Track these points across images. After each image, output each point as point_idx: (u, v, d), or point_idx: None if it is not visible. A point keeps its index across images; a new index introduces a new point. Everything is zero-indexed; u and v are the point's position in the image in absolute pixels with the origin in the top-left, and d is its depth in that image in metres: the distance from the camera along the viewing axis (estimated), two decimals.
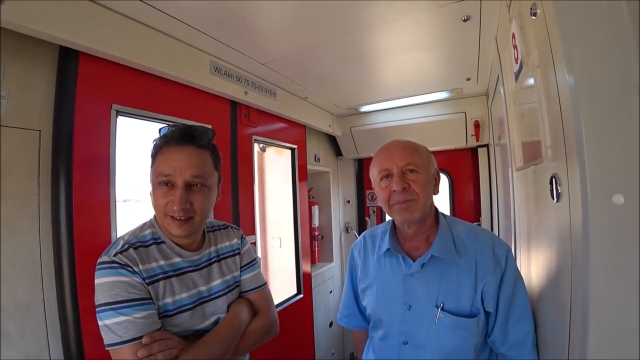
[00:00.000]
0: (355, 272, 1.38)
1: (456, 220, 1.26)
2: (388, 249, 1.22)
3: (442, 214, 1.26)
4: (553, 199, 0.91)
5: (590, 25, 0.73)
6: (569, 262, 0.83)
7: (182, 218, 1.04)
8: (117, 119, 1.52)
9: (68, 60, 1.37)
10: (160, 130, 1.10)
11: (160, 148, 1.05)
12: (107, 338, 0.94)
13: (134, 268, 0.99)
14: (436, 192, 1.21)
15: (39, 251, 1.29)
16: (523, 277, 1.18)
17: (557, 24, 0.79)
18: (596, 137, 0.69)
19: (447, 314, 1.11)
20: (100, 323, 0.95)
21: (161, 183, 1.03)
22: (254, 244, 2.34)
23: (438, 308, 1.11)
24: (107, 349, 0.95)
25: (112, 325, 0.93)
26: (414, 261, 1.17)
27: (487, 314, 1.13)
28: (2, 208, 1.21)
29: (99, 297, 0.96)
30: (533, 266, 1.32)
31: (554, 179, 0.90)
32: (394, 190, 1.12)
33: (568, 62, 0.75)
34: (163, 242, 1.10)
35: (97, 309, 0.96)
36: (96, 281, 0.98)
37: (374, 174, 1.22)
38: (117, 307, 0.94)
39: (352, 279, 1.40)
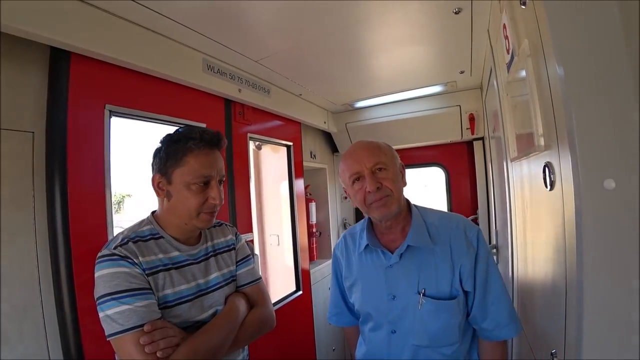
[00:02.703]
0: (339, 271, 1.42)
1: (428, 209, 1.31)
2: (367, 245, 1.27)
3: (414, 205, 1.30)
4: (547, 187, 0.91)
5: (579, 13, 0.74)
6: (562, 248, 0.84)
7: (216, 210, 1.15)
8: (111, 119, 1.51)
9: (59, 61, 1.36)
10: (177, 132, 1.14)
11: (191, 151, 1.10)
12: (109, 328, 0.95)
13: (134, 260, 1.02)
14: (404, 184, 1.26)
15: (35, 253, 1.28)
16: (521, 266, 1.19)
17: (545, 13, 0.79)
18: (586, 124, 0.70)
19: (428, 299, 1.16)
20: (101, 314, 0.96)
21: (197, 183, 1.09)
22: (252, 241, 2.34)
23: (420, 294, 1.17)
24: (108, 339, 0.96)
25: (113, 315, 0.95)
26: (392, 253, 1.22)
27: (465, 293, 1.18)
28: None
29: (100, 289, 0.98)
30: (529, 255, 1.33)
31: (547, 168, 0.91)
32: (369, 192, 1.16)
33: (557, 50, 0.75)
34: (161, 237, 1.13)
35: (98, 301, 0.97)
36: (96, 274, 0.99)
37: (344, 178, 1.24)
38: (118, 297, 0.96)
39: (337, 278, 1.44)
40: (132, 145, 1.99)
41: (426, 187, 3.87)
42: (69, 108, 1.36)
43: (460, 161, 3.52)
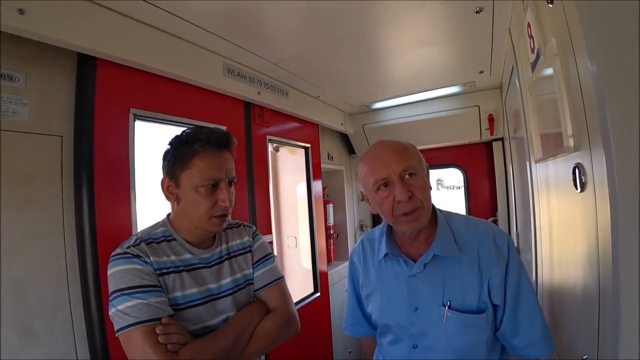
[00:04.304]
0: (356, 278, 1.32)
1: (452, 213, 1.21)
2: (387, 254, 1.17)
3: (439, 209, 1.20)
4: (577, 189, 0.89)
5: (611, 9, 0.72)
6: (595, 253, 0.81)
7: (228, 213, 1.12)
8: (135, 122, 1.54)
9: (86, 67, 1.40)
10: (184, 133, 1.11)
11: (198, 153, 1.07)
12: (120, 322, 0.94)
13: (146, 259, 1.02)
14: (431, 188, 1.14)
15: (64, 253, 1.32)
16: (547, 271, 1.16)
17: (576, 11, 0.78)
18: (622, 123, 0.68)
19: (454, 312, 1.05)
20: (112, 310, 0.96)
21: (205, 186, 1.07)
22: (271, 243, 2.35)
23: (445, 307, 1.06)
24: (117, 334, 0.95)
25: (125, 309, 0.94)
26: (414, 262, 1.12)
27: (494, 307, 1.08)
28: (28, 213, 1.25)
29: (112, 286, 0.98)
30: (556, 258, 1.30)
31: (577, 169, 0.89)
32: (399, 201, 1.04)
33: (590, 48, 0.74)
34: (174, 239, 1.12)
35: (109, 298, 0.97)
36: (109, 272, 1.00)
37: (367, 183, 1.11)
38: (131, 292, 0.96)
39: (354, 286, 1.34)
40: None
41: None
42: (95, 112, 1.40)
43: (479, 162, 3.47)
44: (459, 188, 5.33)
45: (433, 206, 1.17)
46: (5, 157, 1.20)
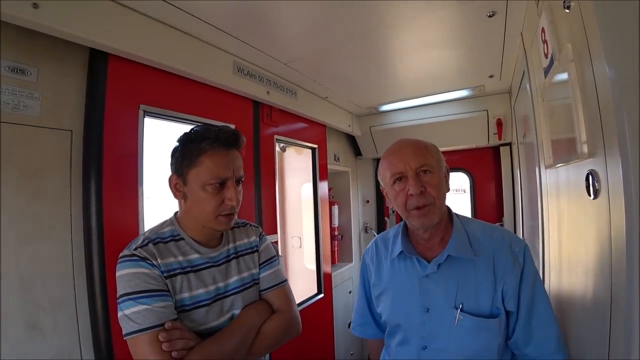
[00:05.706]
0: (368, 279, 1.33)
1: (469, 218, 1.21)
2: (401, 252, 1.18)
3: (455, 213, 1.21)
4: (590, 195, 0.88)
5: (630, 15, 0.71)
6: (608, 261, 0.80)
7: (235, 212, 1.11)
8: (145, 119, 1.55)
9: (98, 62, 1.40)
10: (192, 131, 1.11)
11: (206, 151, 1.06)
12: (127, 327, 0.95)
13: (153, 262, 1.02)
14: (447, 189, 1.16)
15: (70, 248, 1.32)
16: (554, 278, 1.14)
17: (595, 17, 0.77)
18: (639, 130, 0.67)
19: (467, 315, 1.05)
20: (119, 314, 0.97)
21: (213, 184, 1.06)
22: (276, 243, 2.35)
23: (457, 309, 1.06)
24: (125, 338, 0.96)
25: (131, 315, 0.95)
26: (429, 262, 1.13)
27: (507, 313, 1.07)
28: (36, 207, 1.25)
29: (119, 289, 0.99)
30: (565, 266, 1.28)
31: (590, 176, 0.87)
32: (411, 194, 1.07)
33: (608, 55, 0.73)
34: (182, 239, 1.12)
35: (117, 301, 0.98)
36: (117, 274, 1.00)
37: (385, 177, 1.16)
38: (136, 297, 0.96)
39: (364, 286, 1.36)
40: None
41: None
42: (105, 108, 1.40)
43: (486, 167, 3.45)
44: (457, 191, 5.27)
45: (449, 209, 1.20)
46: (16, 151, 1.20)
